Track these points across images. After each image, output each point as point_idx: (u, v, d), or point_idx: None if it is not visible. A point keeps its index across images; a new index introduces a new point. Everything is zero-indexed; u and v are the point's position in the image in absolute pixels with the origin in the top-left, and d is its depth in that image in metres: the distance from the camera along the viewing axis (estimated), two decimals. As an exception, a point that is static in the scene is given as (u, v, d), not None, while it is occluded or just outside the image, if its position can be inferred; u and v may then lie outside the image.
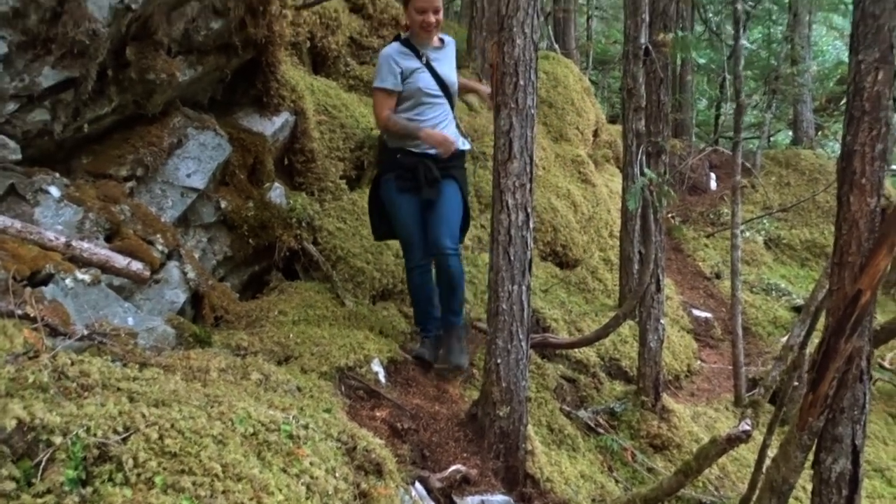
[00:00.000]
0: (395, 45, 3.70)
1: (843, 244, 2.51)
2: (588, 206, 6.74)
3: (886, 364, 6.28)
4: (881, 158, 2.47)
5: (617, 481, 3.73)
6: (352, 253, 4.23)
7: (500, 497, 2.95)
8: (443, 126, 3.68)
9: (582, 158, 7.27)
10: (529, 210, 3.17)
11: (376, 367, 3.37)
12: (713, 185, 9.88)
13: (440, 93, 3.69)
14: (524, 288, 3.16)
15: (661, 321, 4.38)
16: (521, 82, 3.09)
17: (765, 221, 8.75)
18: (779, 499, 2.54)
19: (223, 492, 1.60)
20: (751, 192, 9.37)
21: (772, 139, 13.12)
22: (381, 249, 4.37)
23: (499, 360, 3.15)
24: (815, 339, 3.11)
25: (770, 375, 3.55)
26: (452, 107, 3.82)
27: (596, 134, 8.53)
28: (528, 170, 3.15)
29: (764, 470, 2.70)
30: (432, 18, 3.58)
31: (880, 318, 6.15)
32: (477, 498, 2.90)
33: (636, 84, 4.40)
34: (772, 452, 3.47)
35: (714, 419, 4.76)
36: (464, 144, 3.83)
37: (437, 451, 3.07)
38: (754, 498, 2.79)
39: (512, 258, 3.14)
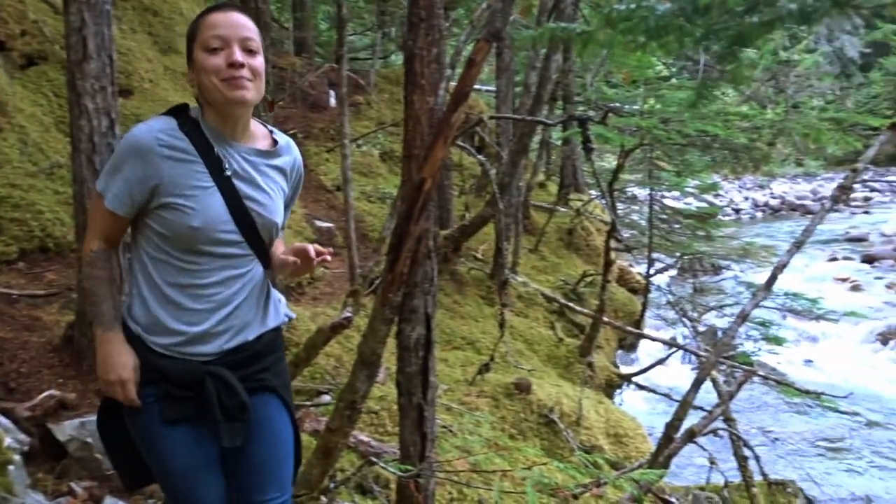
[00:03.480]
0: (165, 125, 1.79)
1: (409, 139, 2.82)
2: (203, 121, 6.53)
3: (479, 255, 7.29)
4: (437, 61, 2.80)
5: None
6: None
7: (104, 415, 2.84)
8: (238, 300, 1.86)
9: (194, 72, 6.96)
10: (114, 115, 2.98)
11: (-57, 300, 2.95)
12: (332, 102, 10.22)
13: (239, 237, 1.83)
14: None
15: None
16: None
17: (379, 136, 9.37)
18: (369, 368, 2.84)
19: None
20: (366, 108, 9.92)
21: (387, 59, 13.95)
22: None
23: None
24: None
25: (367, 266, 3.93)
26: (266, 262, 1.94)
27: (210, 48, 8.21)
28: (108, 71, 2.95)
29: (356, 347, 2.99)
30: (238, 57, 1.74)
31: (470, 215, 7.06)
32: (76, 421, 2.76)
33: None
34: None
35: (332, 317, 5.10)
36: (276, 319, 2.01)
37: (26, 381, 2.84)
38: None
39: (98, 168, 2.94)
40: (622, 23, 1.94)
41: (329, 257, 1.93)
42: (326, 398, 4.20)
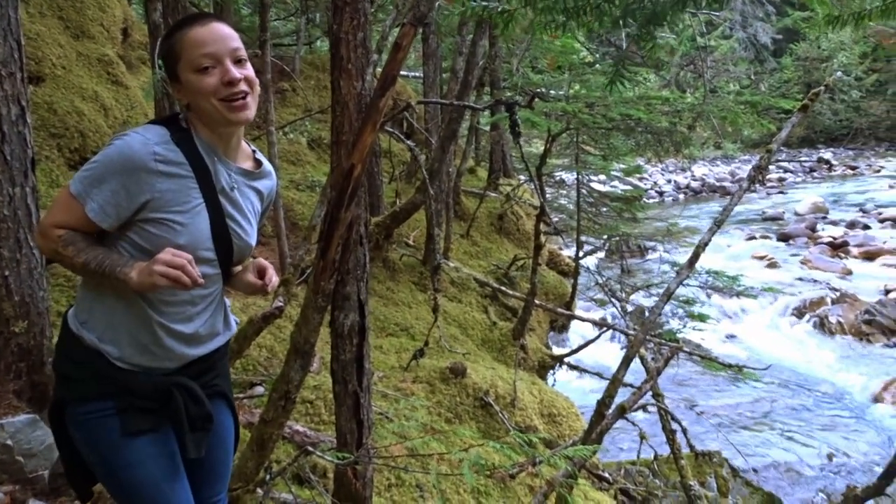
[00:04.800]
0: (160, 136, 1.68)
1: (337, 124, 2.78)
2: (121, 109, 6.29)
3: (410, 241, 7.29)
4: (363, 46, 2.77)
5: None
6: None
7: (24, 417, 2.73)
8: (204, 317, 1.83)
9: (110, 58, 6.69)
10: (24, 103, 2.84)
11: None
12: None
13: (214, 256, 1.78)
14: (28, 190, 2.87)
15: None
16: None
17: (306, 123, 9.22)
18: (303, 358, 2.80)
19: None
20: (292, 95, 9.75)
21: (312, 45, 13.71)
22: None
23: (7, 273, 2.84)
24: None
25: (297, 255, 3.88)
26: (227, 280, 1.90)
27: (127, 33, 7.91)
28: (16, 56, 2.80)
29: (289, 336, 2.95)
30: (235, 73, 1.67)
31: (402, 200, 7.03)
32: (-6, 423, 2.64)
33: (150, -27, 4.17)
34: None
35: (263, 307, 5.02)
36: (229, 328, 1.99)
37: (-63, 383, 2.69)
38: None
39: (9, 158, 2.80)
40: (541, 1, 1.96)
41: (269, 288, 1.90)
42: (260, 389, 4.14)
